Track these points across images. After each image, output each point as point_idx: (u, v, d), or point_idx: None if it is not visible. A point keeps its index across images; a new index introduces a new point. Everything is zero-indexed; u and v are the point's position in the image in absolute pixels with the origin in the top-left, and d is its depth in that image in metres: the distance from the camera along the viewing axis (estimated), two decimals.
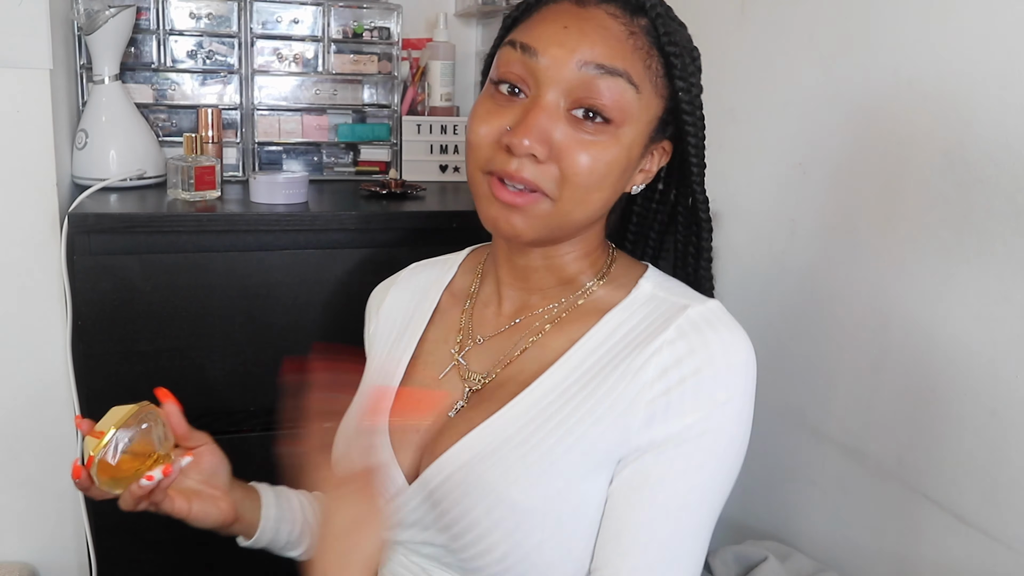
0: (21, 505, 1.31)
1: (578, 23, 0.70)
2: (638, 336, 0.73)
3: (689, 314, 0.73)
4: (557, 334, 0.77)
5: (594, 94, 0.69)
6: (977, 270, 0.93)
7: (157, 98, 1.46)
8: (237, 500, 0.90)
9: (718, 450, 0.71)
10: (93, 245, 1.14)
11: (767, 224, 1.24)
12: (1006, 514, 0.91)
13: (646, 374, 0.70)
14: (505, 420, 0.72)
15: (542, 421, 0.71)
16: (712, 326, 0.72)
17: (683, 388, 0.69)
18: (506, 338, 0.80)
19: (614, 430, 0.70)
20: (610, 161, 0.71)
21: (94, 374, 1.18)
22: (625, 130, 0.71)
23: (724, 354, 0.71)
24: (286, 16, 1.50)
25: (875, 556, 1.08)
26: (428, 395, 0.81)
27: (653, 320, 0.74)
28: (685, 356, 0.70)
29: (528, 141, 0.68)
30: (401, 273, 0.97)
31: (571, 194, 0.71)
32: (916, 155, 1.00)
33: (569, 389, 0.72)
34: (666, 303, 0.75)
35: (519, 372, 0.76)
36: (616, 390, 0.71)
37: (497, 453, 0.70)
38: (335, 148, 1.60)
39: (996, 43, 0.90)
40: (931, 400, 0.99)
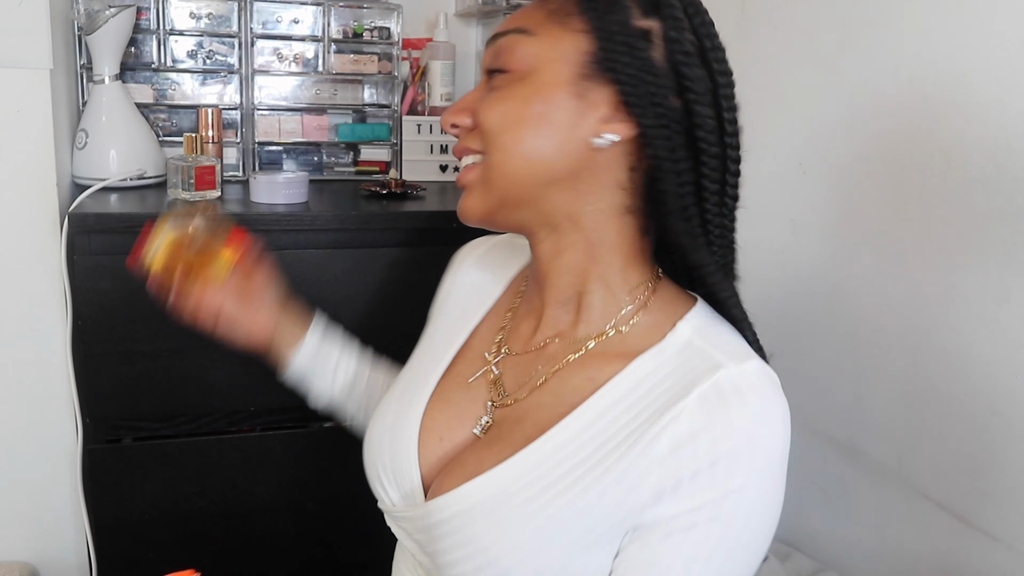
0: (21, 505, 1.31)
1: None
2: (661, 395, 0.65)
3: (718, 378, 0.64)
4: (579, 370, 0.71)
5: (493, 56, 0.71)
6: (977, 270, 0.93)
7: (157, 98, 1.46)
8: (276, 330, 0.96)
9: (730, 540, 0.63)
10: (93, 245, 1.14)
11: (767, 224, 1.24)
12: (1006, 514, 0.91)
13: (658, 447, 0.63)
14: (513, 472, 0.67)
15: (548, 483, 0.66)
16: (741, 397, 0.63)
17: (697, 467, 0.62)
18: (533, 359, 0.75)
19: (621, 506, 0.64)
20: (517, 101, 0.68)
21: (94, 374, 1.18)
22: (530, 75, 0.69)
23: (748, 433, 0.63)
24: (286, 16, 1.50)
25: (875, 556, 1.08)
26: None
27: (680, 377, 0.66)
28: (702, 430, 0.62)
29: (445, 114, 0.73)
30: (492, 240, 0.92)
31: (491, 143, 0.69)
32: (916, 155, 1.00)
33: (582, 448, 0.66)
34: (700, 356, 0.66)
35: (537, 408, 0.72)
36: (626, 460, 0.64)
37: (499, 511, 0.66)
38: (335, 148, 1.60)
39: (996, 43, 0.90)
40: (931, 400, 0.99)
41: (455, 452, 0.74)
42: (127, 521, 1.25)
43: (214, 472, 1.27)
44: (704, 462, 0.62)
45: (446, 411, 0.77)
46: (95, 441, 1.22)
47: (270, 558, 1.34)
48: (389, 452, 0.76)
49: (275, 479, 1.31)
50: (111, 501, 1.24)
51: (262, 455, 1.30)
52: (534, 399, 0.72)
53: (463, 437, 0.75)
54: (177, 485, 1.26)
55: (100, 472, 1.23)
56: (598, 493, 0.64)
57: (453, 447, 0.74)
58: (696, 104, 0.68)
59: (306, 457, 1.32)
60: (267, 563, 1.35)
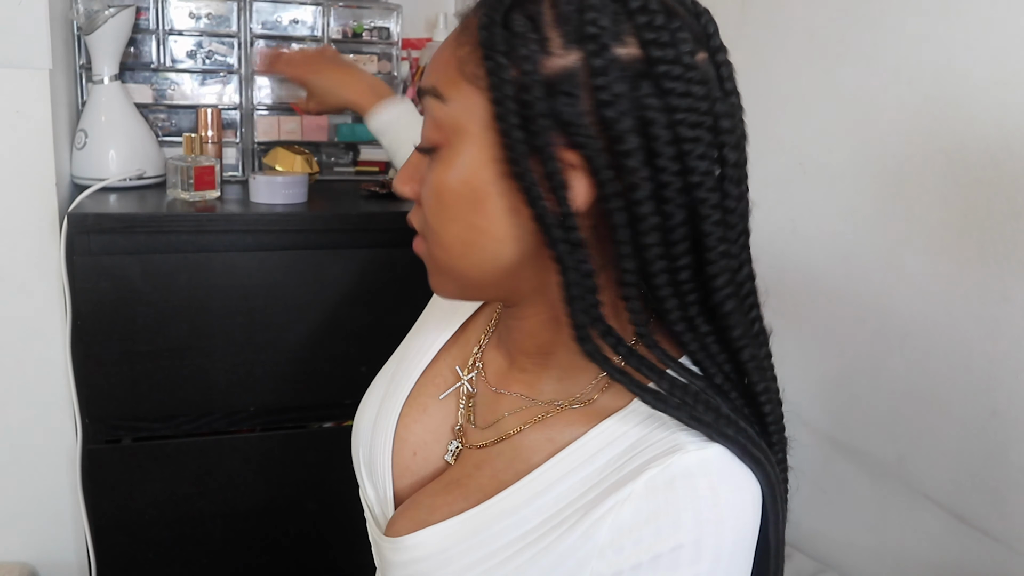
0: (21, 505, 1.31)
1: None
2: (614, 472, 0.59)
3: (672, 463, 0.56)
4: (542, 427, 0.65)
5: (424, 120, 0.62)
6: (977, 270, 0.93)
7: (157, 98, 1.46)
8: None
9: None
10: (93, 245, 1.14)
11: (766, 224, 1.24)
12: (1006, 514, 0.91)
13: (600, 534, 0.57)
14: (458, 532, 0.64)
15: (490, 552, 0.62)
16: (693, 488, 0.56)
17: (638, 561, 0.56)
18: (500, 404, 0.70)
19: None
20: (444, 191, 0.58)
21: (94, 374, 1.18)
22: (450, 150, 0.58)
23: (696, 530, 0.55)
24: (286, 16, 1.50)
25: (875, 556, 1.08)
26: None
27: (638, 453, 0.59)
28: (645, 522, 0.56)
29: (395, 182, 0.64)
30: None
31: (429, 235, 0.62)
32: (916, 155, 1.00)
33: (528, 520, 0.61)
34: (663, 430, 0.59)
35: (496, 457, 0.67)
36: (568, 540, 0.59)
37: (439, 572, 0.64)
38: (335, 148, 1.60)
39: (996, 43, 0.90)
40: (931, 400, 0.99)
41: (423, 473, 0.73)
42: (127, 521, 1.25)
43: (214, 472, 1.27)
44: (646, 556, 0.56)
45: (420, 420, 0.75)
46: (95, 441, 1.22)
47: (270, 558, 1.34)
48: (369, 447, 0.75)
49: (275, 479, 1.31)
50: (111, 501, 1.24)
51: (262, 455, 1.30)
52: (496, 450, 0.68)
53: (433, 457, 0.73)
54: (177, 485, 1.26)
55: (100, 472, 1.23)
56: (538, 571, 0.60)
57: (423, 465, 0.73)
58: (623, 146, 0.53)
59: (306, 457, 1.32)
60: (267, 563, 1.35)
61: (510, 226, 0.58)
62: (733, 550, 0.57)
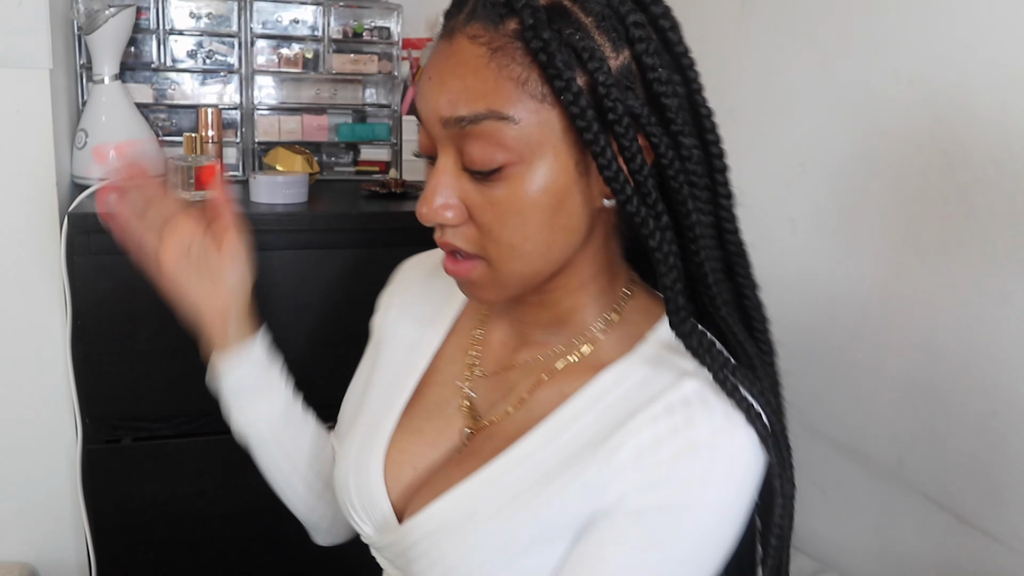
0: (21, 505, 1.31)
1: (439, 67, 0.61)
2: (626, 405, 0.65)
3: (684, 386, 0.63)
4: (551, 386, 0.70)
5: (466, 156, 0.61)
6: (977, 270, 0.93)
7: (157, 98, 1.46)
8: (227, 315, 0.83)
9: (682, 533, 0.61)
10: (93, 245, 1.14)
11: (767, 224, 1.24)
12: (1006, 514, 0.91)
13: (621, 456, 0.62)
14: (478, 487, 0.67)
15: (512, 496, 0.65)
16: (706, 403, 0.62)
17: (658, 475, 0.61)
18: (507, 378, 0.73)
19: (584, 512, 0.63)
20: (522, 207, 0.61)
21: (94, 374, 1.18)
22: (535, 161, 0.60)
23: (711, 438, 0.61)
24: (286, 16, 1.50)
25: (875, 556, 1.08)
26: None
27: (647, 386, 0.65)
28: (665, 438, 0.62)
29: (426, 210, 0.63)
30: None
31: (498, 251, 0.63)
32: (916, 155, 1.00)
33: (546, 460, 0.65)
34: (668, 366, 0.65)
35: (508, 423, 0.70)
36: (590, 468, 0.63)
37: (466, 527, 0.66)
38: (335, 148, 1.60)
39: (996, 43, 0.90)
40: (931, 400, 0.99)
41: (428, 476, 0.73)
42: (127, 521, 1.25)
43: (214, 472, 1.27)
44: (665, 470, 0.61)
45: (418, 440, 0.75)
46: (95, 441, 1.22)
47: (270, 558, 1.34)
48: (355, 488, 0.75)
49: None
50: (111, 501, 1.24)
51: None
52: (508, 420, 0.71)
53: (437, 461, 0.73)
54: (177, 485, 1.26)
55: (100, 472, 1.23)
56: (562, 502, 0.63)
57: (427, 471, 0.73)
58: (659, 84, 0.62)
59: None
60: (267, 563, 1.35)
61: (585, 216, 0.64)
62: (747, 460, 0.62)
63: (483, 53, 0.59)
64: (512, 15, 0.59)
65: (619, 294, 0.71)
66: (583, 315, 0.70)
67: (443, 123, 0.61)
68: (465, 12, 0.61)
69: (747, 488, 0.63)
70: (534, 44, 0.58)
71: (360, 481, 0.74)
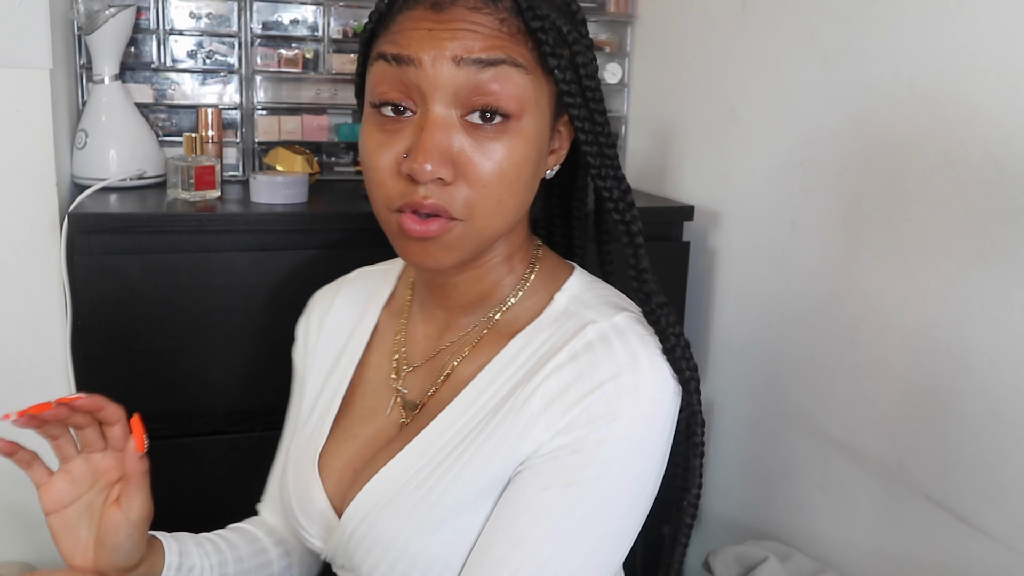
0: (21, 505, 1.31)
1: (440, 25, 0.63)
2: (536, 362, 0.67)
3: (587, 332, 0.66)
4: (471, 360, 0.73)
5: (484, 90, 0.62)
6: (977, 270, 0.93)
7: (157, 98, 1.46)
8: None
9: (596, 469, 0.63)
10: (93, 245, 1.14)
11: (767, 224, 1.24)
12: (1006, 514, 0.91)
13: (532, 407, 0.65)
14: (403, 464, 0.69)
15: (435, 465, 0.67)
16: (607, 344, 0.65)
17: (570, 418, 0.64)
18: (434, 364, 0.75)
19: (505, 466, 0.66)
20: (518, 161, 0.65)
21: (94, 374, 1.18)
22: (527, 120, 0.64)
23: (615, 376, 0.64)
24: (286, 16, 1.50)
25: (875, 556, 1.08)
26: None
27: (555, 342, 0.68)
28: (572, 383, 0.65)
29: (431, 165, 0.62)
30: (346, 279, 0.90)
31: (483, 208, 0.64)
32: (916, 155, 1.00)
33: (465, 425, 0.68)
34: (573, 319, 0.69)
35: (434, 404, 0.73)
36: (505, 423, 0.66)
37: (394, 503, 0.68)
38: (335, 148, 1.60)
39: (996, 43, 0.90)
40: (931, 400, 0.99)
41: (360, 469, 0.74)
42: None
43: (214, 472, 1.27)
44: (574, 411, 0.64)
45: (354, 444, 0.76)
46: None
47: None
48: (298, 505, 0.77)
49: None
50: None
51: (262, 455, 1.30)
52: (434, 399, 0.73)
53: (375, 458, 0.74)
54: (177, 485, 1.26)
55: None
56: (482, 459, 0.66)
57: (366, 469, 0.74)
58: (590, 83, 0.68)
59: None
60: None
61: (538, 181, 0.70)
62: (655, 394, 0.65)
63: (491, 20, 0.63)
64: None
65: (529, 263, 0.75)
66: (502, 288, 0.74)
67: (457, 61, 0.62)
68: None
69: (657, 423, 0.66)
70: (533, 24, 0.63)
71: (303, 499, 0.76)
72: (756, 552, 1.10)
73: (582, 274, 0.75)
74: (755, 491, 1.31)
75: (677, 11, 1.46)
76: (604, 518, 0.64)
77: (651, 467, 0.66)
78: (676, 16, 1.46)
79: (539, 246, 0.77)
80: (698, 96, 1.41)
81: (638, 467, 0.65)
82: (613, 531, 0.65)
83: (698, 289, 1.41)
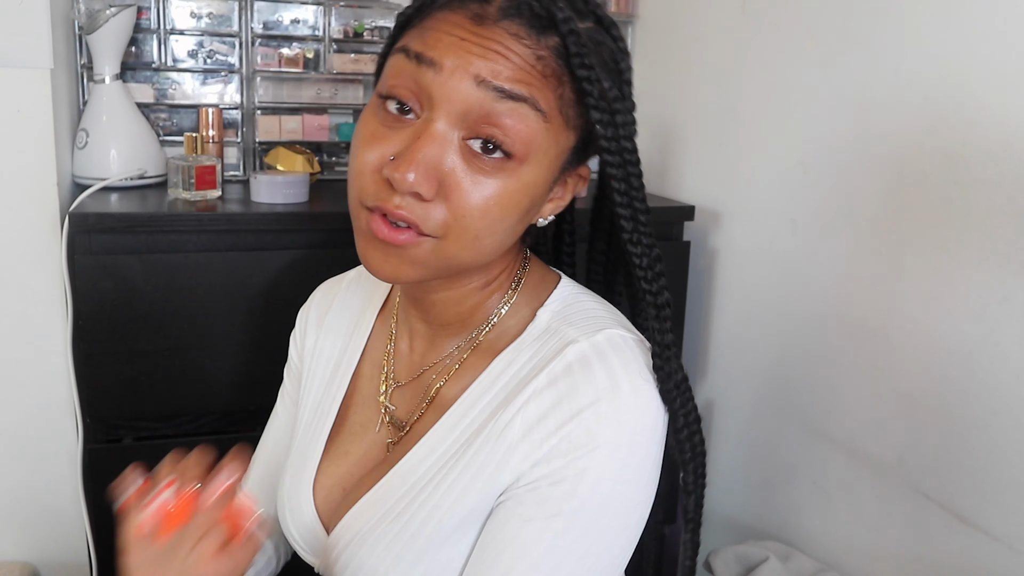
0: (21, 505, 1.31)
1: (476, 39, 0.59)
2: (516, 383, 0.65)
3: (566, 354, 0.64)
4: (455, 382, 0.70)
5: (494, 120, 0.59)
6: (977, 270, 0.93)
7: (158, 98, 1.46)
8: None
9: (579, 500, 0.61)
10: (93, 245, 1.14)
11: (767, 224, 1.24)
12: (1006, 514, 0.91)
13: (511, 434, 0.63)
14: (386, 490, 0.68)
15: (415, 493, 0.66)
16: (587, 368, 0.63)
17: (550, 446, 0.62)
18: (420, 384, 0.74)
19: (484, 497, 0.64)
20: (507, 203, 0.61)
21: (94, 374, 1.18)
22: (529, 167, 0.61)
23: (594, 403, 0.62)
24: (287, 16, 1.50)
25: (875, 556, 1.08)
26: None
27: (536, 362, 0.65)
28: (550, 410, 0.62)
29: (413, 176, 0.58)
30: (347, 279, 0.87)
31: (458, 236, 0.61)
32: (916, 155, 1.00)
33: (445, 452, 0.66)
34: (555, 338, 0.66)
35: (421, 426, 0.71)
36: (484, 450, 0.64)
37: (375, 533, 0.67)
38: (336, 148, 1.60)
39: (996, 43, 0.90)
40: (931, 400, 0.99)
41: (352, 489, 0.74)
42: None
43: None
44: (554, 441, 0.62)
45: (345, 462, 0.76)
46: (95, 441, 1.22)
47: None
48: (291, 520, 0.76)
49: None
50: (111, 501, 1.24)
51: None
52: (419, 422, 0.72)
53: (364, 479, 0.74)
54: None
55: (100, 472, 1.23)
56: (462, 487, 0.64)
57: (355, 489, 0.74)
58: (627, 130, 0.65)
59: None
60: None
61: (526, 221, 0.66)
62: (636, 418, 0.63)
63: (529, 54, 0.60)
64: (553, 31, 0.60)
65: (514, 277, 0.72)
66: (485, 308, 0.71)
67: (479, 82, 0.58)
68: (496, 7, 0.60)
69: (640, 448, 0.63)
70: (580, 72, 0.60)
71: (295, 512, 0.76)
72: (756, 552, 1.10)
73: (567, 285, 0.73)
74: (755, 491, 1.31)
75: (677, 11, 1.46)
76: (592, 547, 0.62)
77: (637, 494, 0.64)
78: (676, 16, 1.46)
79: (527, 258, 0.74)
80: (698, 96, 1.41)
81: (623, 495, 0.63)
82: (601, 560, 0.63)
83: (698, 289, 1.41)
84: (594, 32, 0.63)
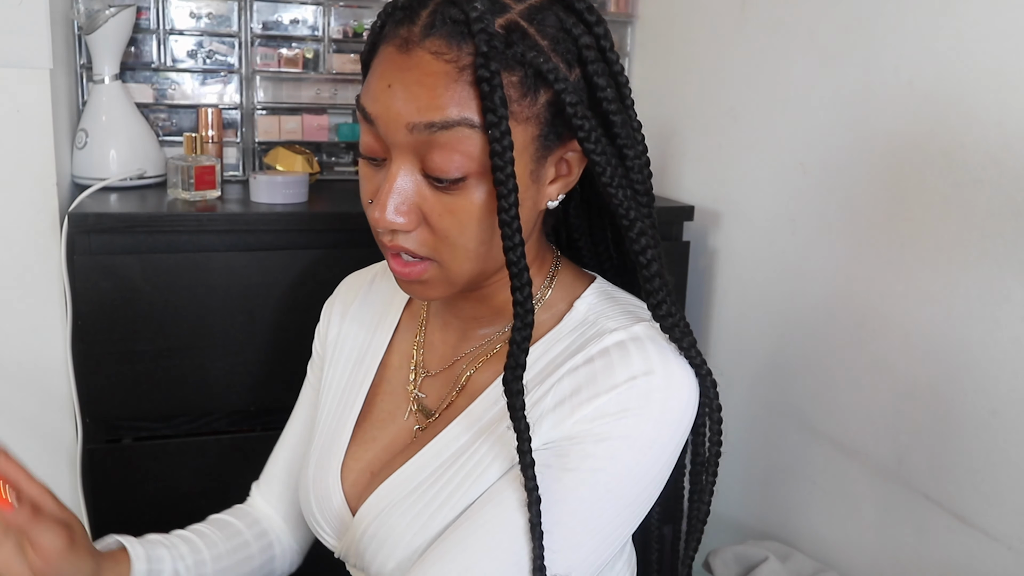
0: None
1: (401, 77, 0.61)
2: (552, 366, 0.68)
3: (605, 340, 0.66)
4: (488, 369, 0.73)
5: (428, 163, 0.61)
6: (977, 270, 0.93)
7: (157, 98, 1.46)
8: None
9: (596, 460, 0.63)
10: (93, 245, 1.14)
11: (767, 224, 1.24)
12: (1006, 514, 0.91)
13: (543, 405, 0.65)
14: (416, 466, 0.70)
15: (447, 467, 0.68)
16: (624, 351, 0.65)
17: (577, 412, 0.64)
18: (451, 373, 0.76)
19: (513, 464, 0.65)
20: (479, 214, 0.63)
21: (94, 374, 1.18)
22: (486, 176, 0.62)
23: (630, 378, 0.64)
24: (286, 16, 1.50)
25: (875, 556, 1.08)
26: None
27: (572, 348, 0.68)
28: (585, 384, 0.64)
29: (387, 216, 0.63)
30: (377, 273, 0.90)
31: (451, 254, 0.65)
32: (916, 155, 1.00)
33: (482, 430, 0.68)
34: (591, 328, 0.69)
35: (452, 411, 0.73)
36: None
37: (406, 502, 0.69)
38: (335, 148, 1.60)
39: (996, 43, 0.90)
40: (931, 400, 0.99)
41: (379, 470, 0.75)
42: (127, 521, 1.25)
43: (214, 472, 1.27)
44: (585, 411, 0.64)
45: (373, 447, 0.77)
46: (95, 441, 1.22)
47: None
48: (316, 504, 0.78)
49: None
50: (111, 501, 1.24)
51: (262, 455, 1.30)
52: (451, 408, 0.74)
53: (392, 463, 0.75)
54: (177, 485, 1.26)
55: (100, 472, 1.23)
56: (491, 458, 0.66)
57: (383, 472, 0.75)
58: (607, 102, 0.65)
59: None
60: None
61: (531, 219, 0.67)
62: (665, 403, 0.64)
63: (450, 70, 0.60)
64: (471, 38, 0.60)
65: (547, 273, 0.74)
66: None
67: (410, 128, 0.60)
68: (420, 25, 0.61)
69: (668, 427, 0.65)
70: (481, 73, 0.59)
71: (321, 498, 0.77)
72: (756, 552, 1.10)
73: (602, 284, 0.75)
74: (755, 491, 1.31)
75: (677, 11, 1.46)
76: (601, 508, 0.64)
77: (655, 470, 0.65)
78: (676, 16, 1.46)
79: (558, 258, 0.76)
80: (698, 96, 1.41)
81: (641, 467, 0.64)
82: (603, 529, 0.64)
83: (698, 289, 1.41)
84: (535, 12, 0.62)
